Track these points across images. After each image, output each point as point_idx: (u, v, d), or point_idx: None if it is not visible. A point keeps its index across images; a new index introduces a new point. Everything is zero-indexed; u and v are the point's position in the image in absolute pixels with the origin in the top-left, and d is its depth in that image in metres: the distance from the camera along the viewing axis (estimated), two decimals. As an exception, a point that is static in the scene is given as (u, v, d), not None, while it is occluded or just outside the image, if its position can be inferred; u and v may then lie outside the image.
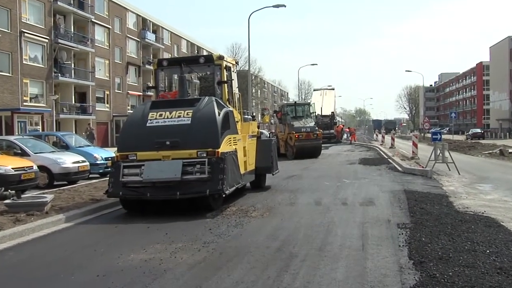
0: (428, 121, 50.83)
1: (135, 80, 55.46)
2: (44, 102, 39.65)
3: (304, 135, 25.53)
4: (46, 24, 40.01)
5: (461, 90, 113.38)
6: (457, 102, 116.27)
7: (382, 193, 11.33)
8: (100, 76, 48.19)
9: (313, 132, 26.00)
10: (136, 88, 55.41)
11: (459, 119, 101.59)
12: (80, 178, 15.68)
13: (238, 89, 12.29)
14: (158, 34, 60.59)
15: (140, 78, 56.27)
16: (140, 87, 56.12)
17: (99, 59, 48.04)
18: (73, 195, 11.31)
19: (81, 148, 18.17)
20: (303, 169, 18.69)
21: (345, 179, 14.58)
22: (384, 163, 20.17)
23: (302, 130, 25.83)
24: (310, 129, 26.11)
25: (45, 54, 40.02)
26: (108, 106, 49.70)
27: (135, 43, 55.36)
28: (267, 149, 12.70)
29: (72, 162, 15.47)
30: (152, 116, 9.75)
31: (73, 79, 43.28)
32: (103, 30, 48.96)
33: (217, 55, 11.40)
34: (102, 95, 49.10)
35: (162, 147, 9.32)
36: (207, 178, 8.99)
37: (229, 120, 10.29)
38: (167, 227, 8.05)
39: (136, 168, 9.26)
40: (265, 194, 11.77)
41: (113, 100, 50.45)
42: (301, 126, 26.17)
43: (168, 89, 12.09)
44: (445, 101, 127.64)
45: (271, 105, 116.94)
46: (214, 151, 9.21)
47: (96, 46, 47.10)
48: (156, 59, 12.04)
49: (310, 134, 25.80)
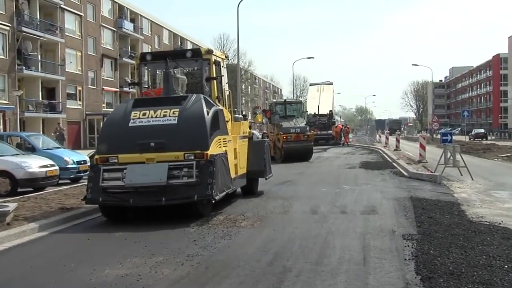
0: (438, 121, 51.14)
1: (111, 74, 55.27)
2: (6, 99, 39.30)
3: (293, 136, 25.75)
4: (6, 10, 39.52)
5: (475, 86, 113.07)
6: (471, 99, 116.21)
7: (385, 201, 11.38)
8: (71, 70, 47.94)
9: (303, 133, 26.22)
10: (112, 84, 55.23)
11: (473, 118, 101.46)
12: (48, 185, 15.56)
13: (228, 85, 12.36)
14: (136, 23, 60.51)
15: (116, 73, 56.09)
16: (117, 82, 55.95)
17: (70, 50, 47.81)
18: (40, 204, 11.22)
19: (49, 150, 18.03)
20: (298, 174, 18.73)
21: (344, 185, 14.62)
22: (388, 167, 20.26)
23: (291, 130, 26.07)
24: (300, 129, 26.34)
25: (6, 43, 39.56)
26: (80, 104, 49.46)
27: (111, 33, 55.18)
28: (259, 151, 12.82)
29: (39, 166, 15.34)
30: (135, 115, 9.85)
31: (40, 73, 42.95)
32: (74, 17, 48.73)
33: (205, 49, 11.49)
34: (74, 91, 48.85)
35: (146, 149, 9.42)
36: (195, 183, 9.10)
37: (218, 119, 10.38)
38: (146, 238, 8.02)
39: (118, 172, 9.36)
40: (256, 201, 11.79)
41: (86, 97, 50.21)
42: (290, 126, 26.43)
43: (152, 86, 12.17)
44: (457, 98, 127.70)
45: (263, 102, 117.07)
46: (202, 153, 9.32)
47: (67, 35, 46.86)
48: (139, 53, 12.09)
49: (300, 135, 26.03)
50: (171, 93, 11.06)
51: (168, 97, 10.70)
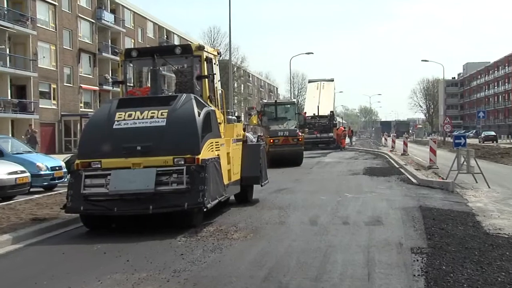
0: (450, 122, 51.27)
1: (89, 71, 55.16)
2: (-30, 97, 39.21)
3: (281, 139, 26.12)
4: (-31, -3, 39.41)
5: (492, 84, 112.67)
6: (487, 99, 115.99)
7: (392, 210, 11.41)
8: (45, 66, 47.79)
9: (292, 136, 26.58)
10: (91, 81, 55.13)
11: (489, 119, 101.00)
12: (18, 193, 15.48)
13: (220, 84, 12.48)
14: (117, 15, 60.51)
15: (95, 69, 56.01)
16: (96, 79, 55.87)
17: (42, 44, 47.67)
18: (8, 215, 11.15)
19: (19, 155, 17.98)
20: (296, 181, 18.77)
21: (346, 193, 14.65)
22: (395, 174, 20.32)
23: (279, 134, 26.49)
24: (289, 132, 26.69)
25: (-32, 35, 39.47)
26: (55, 103, 49.33)
27: (89, 25, 55.10)
28: (254, 156, 12.98)
29: (8, 172, 15.27)
30: (120, 117, 9.96)
31: (8, 69, 42.76)
32: (47, 7, 48.59)
33: (196, 45, 11.62)
34: (47, 89, 48.72)
35: (132, 153, 9.54)
36: (185, 189, 9.23)
37: (210, 121, 10.51)
38: (129, 251, 8.01)
39: (101, 178, 9.48)
40: (249, 211, 11.81)
41: (62, 96, 50.08)
42: (277, 129, 26.86)
43: (137, 85, 12.27)
44: (471, 97, 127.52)
45: (257, 102, 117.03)
46: (193, 157, 9.45)
47: (39, 27, 46.70)
48: (123, 48, 12.18)
49: (289, 139, 26.40)
50: (159, 92, 11.17)
51: (156, 96, 10.82)
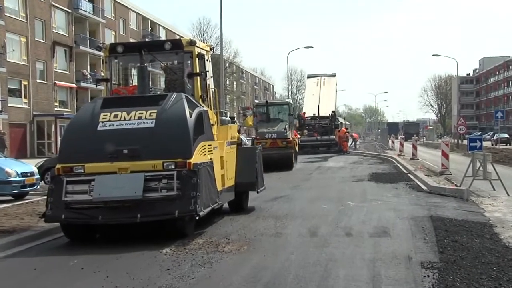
0: (464, 123, 51.17)
1: (65, 66, 55.02)
2: None
3: (269, 142, 26.62)
4: None
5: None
6: (506, 97, 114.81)
7: (400, 220, 11.43)
8: (14, 60, 47.60)
9: (281, 138, 27.08)
10: (67, 78, 54.99)
11: (508, 120, 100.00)
12: (-16, 201, 15.41)
13: (213, 82, 12.61)
14: (96, 4, 60.39)
15: (72, 64, 55.87)
16: (73, 76, 55.73)
17: (11, 35, 47.47)
18: (-27, 226, 11.11)
19: (-13, 159, 17.89)
20: (294, 188, 18.79)
21: (349, 202, 14.66)
22: (403, 180, 20.34)
23: (266, 136, 27.10)
24: (277, 135, 27.20)
25: None
26: (26, 102, 49.18)
27: (64, 15, 54.98)
28: (250, 160, 13.17)
29: (-26, 178, 15.20)
30: (105, 118, 10.10)
31: (-25, 64, 42.69)
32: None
33: (187, 40, 11.78)
34: (18, 86, 48.57)
35: (118, 157, 9.69)
36: (176, 196, 9.39)
37: (203, 122, 10.65)
38: (109, 266, 8.00)
39: (84, 184, 9.62)
40: (243, 220, 11.83)
41: (34, 94, 49.94)
42: (265, 131, 27.46)
43: (123, 83, 12.39)
44: (488, 95, 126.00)
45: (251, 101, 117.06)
46: (184, 161, 9.61)
47: (7, 17, 46.45)
48: (108, 43, 12.37)
49: (277, 142, 26.95)
50: (147, 91, 11.32)
51: (144, 96, 10.98)
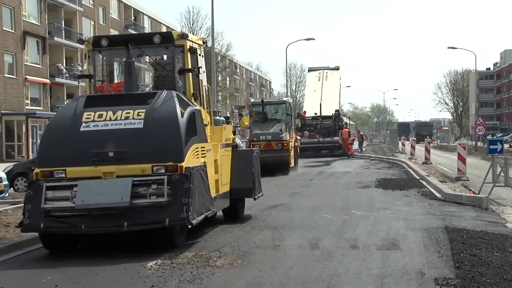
0: (483, 123, 51.02)
1: (37, 59, 54.78)
2: None
3: (263, 144, 26.89)
4: None
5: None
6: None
7: (411, 232, 11.44)
8: (-18, 53, 47.55)
9: (276, 140, 27.47)
10: (40, 72, 54.81)
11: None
12: None
13: (206, 79, 12.73)
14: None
15: (45, 57, 55.66)
16: (46, 70, 55.53)
17: (-21, 26, 47.39)
18: None
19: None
20: (293, 195, 18.81)
21: (355, 210, 14.65)
22: (415, 187, 20.35)
23: (261, 137, 27.54)
24: (272, 136, 27.59)
25: None
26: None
27: (36, 1, 54.60)
28: (246, 164, 13.33)
29: None
30: (88, 118, 10.21)
31: None
32: (-16, -20, 48.34)
33: (178, 33, 11.90)
34: (-15, 82, 48.47)
35: (103, 160, 9.84)
36: (166, 203, 9.51)
37: (195, 123, 10.80)
38: (86, 283, 7.97)
39: (66, 189, 9.74)
40: (237, 231, 11.85)
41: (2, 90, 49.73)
42: (259, 132, 27.92)
43: (108, 79, 12.51)
44: (511, 92, 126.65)
45: (246, 99, 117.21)
46: (176, 165, 9.77)
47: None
48: (92, 36, 12.44)
49: (272, 144, 27.37)
50: (135, 88, 11.41)
51: (131, 94, 11.07)
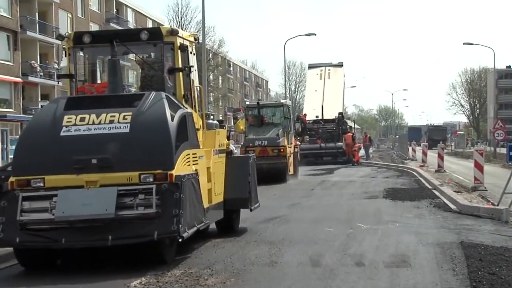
0: (503, 127, 50.86)
1: (7, 56, 54.59)
2: None
3: (258, 150, 26.89)
4: None
5: None
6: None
7: (423, 247, 11.45)
8: None
9: (272, 146, 27.72)
10: (11, 70, 54.70)
11: None
12: None
13: (197, 79, 12.99)
14: (48, -21, 60.13)
15: (17, 53, 55.56)
16: (18, 68, 55.43)
17: None
18: None
19: None
20: (292, 206, 18.82)
21: (360, 223, 14.65)
22: (427, 197, 20.36)
23: (256, 143, 27.79)
24: (268, 141, 27.86)
25: None
26: (-41, 100, 48.94)
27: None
28: (242, 172, 13.44)
29: None
30: (69, 121, 10.24)
31: None
32: None
33: (167, 29, 11.99)
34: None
35: (86, 168, 9.86)
36: (155, 214, 9.52)
37: (187, 127, 10.90)
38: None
39: (44, 200, 9.73)
40: (230, 246, 11.85)
41: (-30, 90, 49.70)
42: (254, 138, 28.22)
43: (91, 79, 12.57)
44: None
45: (240, 100, 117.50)
46: (165, 173, 9.80)
47: None
48: (72, 32, 12.50)
49: (268, 150, 27.59)
50: (120, 89, 11.44)
51: (116, 95, 11.13)
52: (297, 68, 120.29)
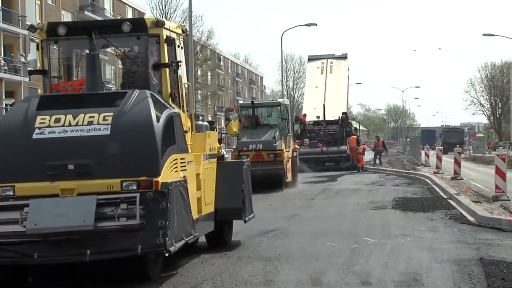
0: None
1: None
2: None
3: (252, 155, 27.02)
4: None
5: None
6: None
7: (437, 264, 11.46)
8: None
9: (268, 150, 28.04)
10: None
11: None
12: None
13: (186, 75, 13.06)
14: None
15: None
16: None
17: None
18: None
19: None
20: (290, 218, 18.87)
21: (367, 237, 14.67)
22: (441, 208, 20.40)
23: (250, 147, 28.04)
24: (264, 145, 28.14)
25: None
26: None
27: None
28: (235, 179, 13.56)
29: None
30: (43, 122, 10.25)
31: None
32: None
33: (152, 20, 12.02)
34: None
35: (62, 174, 9.88)
36: (138, 226, 9.56)
37: (174, 129, 10.96)
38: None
39: (14, 210, 9.75)
40: (220, 263, 11.88)
41: None
42: (248, 141, 28.54)
43: (67, 76, 12.56)
44: None
45: (232, 98, 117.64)
46: (150, 180, 9.88)
47: None
48: (45, 22, 12.46)
49: (263, 154, 27.91)
50: (100, 87, 11.44)
51: (96, 93, 11.13)
52: (296, 63, 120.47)
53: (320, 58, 56.70)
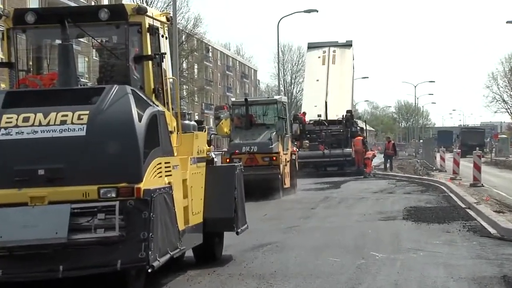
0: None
1: None
2: None
3: (245, 158, 27.58)
4: None
5: None
6: None
7: (454, 283, 11.51)
8: None
9: (263, 153, 28.34)
10: None
11: None
12: None
13: (171, 69, 13.20)
14: None
15: None
16: None
17: None
18: None
19: None
20: (288, 230, 18.91)
21: (374, 252, 14.71)
22: (459, 219, 20.46)
23: (243, 149, 28.42)
24: (258, 147, 28.45)
25: None
26: None
27: None
28: (226, 185, 13.60)
29: None
30: (9, 122, 10.24)
31: None
32: None
33: (133, 6, 12.03)
34: None
35: (31, 180, 9.85)
36: (118, 239, 9.56)
37: (158, 129, 10.94)
38: None
39: None
40: (208, 280, 11.92)
41: None
42: (240, 142, 28.86)
43: (36, 69, 12.50)
44: None
45: (221, 95, 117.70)
46: (131, 187, 9.87)
47: None
48: (12, 9, 12.42)
49: (257, 158, 28.21)
50: (74, 82, 11.32)
51: (69, 89, 11.04)
52: (294, 54, 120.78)
53: (321, 46, 56.27)
